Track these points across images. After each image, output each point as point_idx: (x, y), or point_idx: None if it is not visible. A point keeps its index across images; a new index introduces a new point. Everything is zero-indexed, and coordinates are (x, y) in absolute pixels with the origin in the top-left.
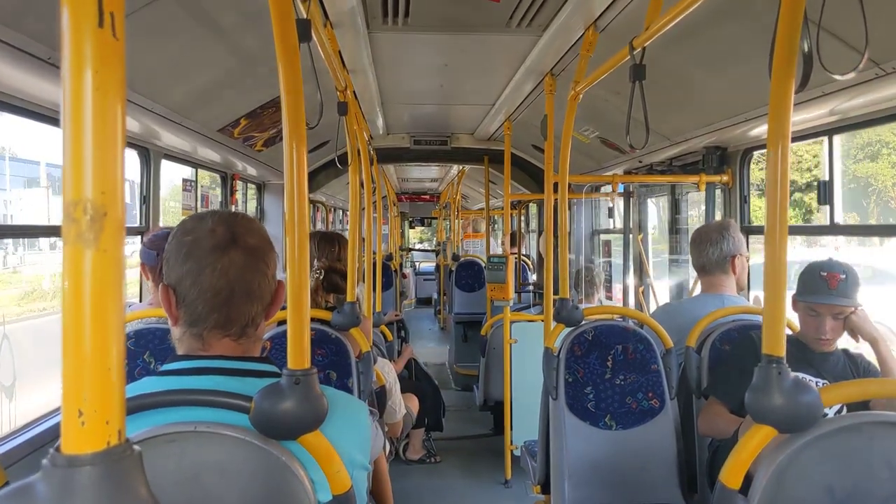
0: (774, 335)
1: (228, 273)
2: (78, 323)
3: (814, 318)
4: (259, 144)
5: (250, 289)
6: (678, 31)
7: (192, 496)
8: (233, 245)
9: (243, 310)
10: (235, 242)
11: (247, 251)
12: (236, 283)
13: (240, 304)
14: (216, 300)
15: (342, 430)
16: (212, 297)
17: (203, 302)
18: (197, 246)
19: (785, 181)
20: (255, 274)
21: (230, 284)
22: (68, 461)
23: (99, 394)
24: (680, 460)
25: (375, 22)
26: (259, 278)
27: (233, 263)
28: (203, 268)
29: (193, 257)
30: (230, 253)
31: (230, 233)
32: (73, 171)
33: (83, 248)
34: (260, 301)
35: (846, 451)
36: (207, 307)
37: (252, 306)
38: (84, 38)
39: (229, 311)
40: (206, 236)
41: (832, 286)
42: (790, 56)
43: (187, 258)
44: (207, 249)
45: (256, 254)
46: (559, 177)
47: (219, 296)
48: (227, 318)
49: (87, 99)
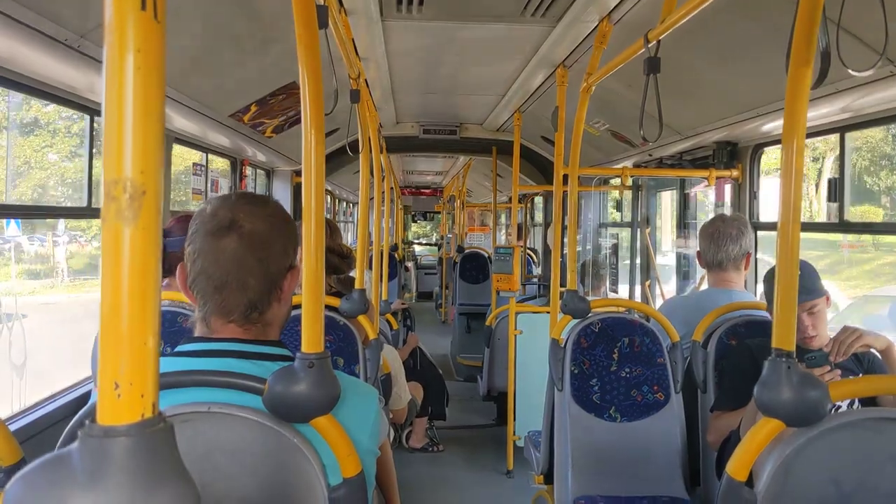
0: (785, 330)
1: (220, 260)
2: (116, 299)
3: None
4: (269, 131)
5: (244, 276)
6: (692, 25)
7: (203, 475)
8: (228, 231)
9: (238, 297)
10: (232, 228)
11: (243, 237)
12: (229, 270)
13: (234, 291)
14: (210, 286)
15: (353, 414)
16: (206, 283)
17: (201, 287)
18: (198, 230)
19: (799, 177)
20: (250, 260)
21: (223, 272)
22: (104, 432)
23: (135, 368)
24: (684, 453)
25: (389, 10)
26: (255, 265)
27: (225, 250)
28: (200, 253)
29: (195, 241)
30: (224, 239)
31: (230, 217)
32: (114, 150)
33: (122, 226)
34: (256, 289)
35: (853, 446)
36: (205, 293)
37: (247, 294)
38: (127, 20)
39: (224, 299)
40: (208, 220)
41: None
42: (808, 51)
43: (191, 241)
44: (204, 234)
45: (255, 239)
46: (569, 169)
47: (212, 282)
48: (223, 304)
49: (128, 80)
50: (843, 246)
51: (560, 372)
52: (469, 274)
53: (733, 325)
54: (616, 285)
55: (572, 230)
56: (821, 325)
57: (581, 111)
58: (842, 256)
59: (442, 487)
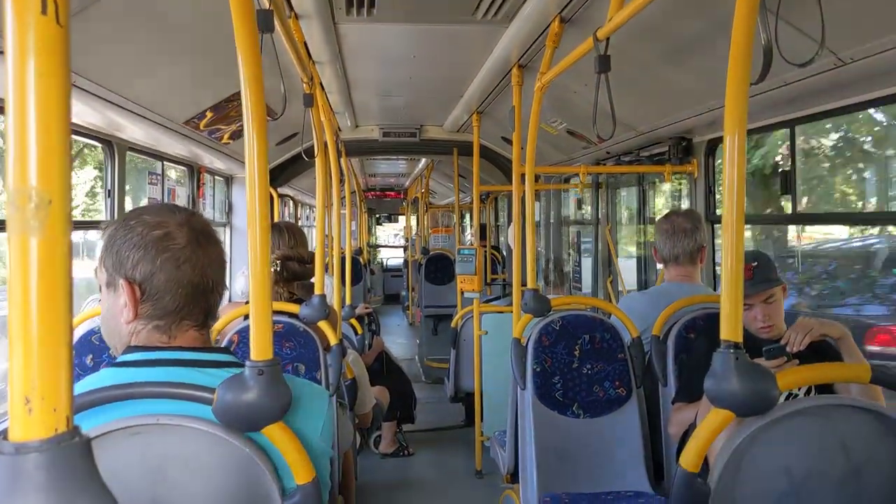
0: (732, 322)
1: (205, 267)
2: (25, 311)
3: (748, 311)
4: (226, 137)
5: (220, 281)
6: (643, 24)
7: (156, 489)
8: (205, 239)
9: (213, 301)
10: (207, 237)
11: (216, 245)
12: (211, 276)
13: (212, 296)
14: (193, 294)
15: (303, 418)
16: (190, 291)
17: (178, 296)
18: (171, 240)
19: (742, 171)
20: (223, 266)
21: (206, 278)
22: (16, 448)
23: (47, 382)
24: (647, 447)
25: (341, 13)
26: (223, 271)
27: (208, 256)
28: (181, 263)
29: (169, 251)
30: (206, 247)
31: (199, 227)
32: (18, 158)
33: (29, 236)
34: (220, 293)
35: (803, 434)
36: (181, 301)
37: (219, 297)
38: (27, 25)
39: (204, 303)
40: (179, 231)
41: (749, 277)
42: (746, 46)
43: (161, 252)
44: (184, 244)
45: (220, 247)
46: (526, 168)
47: (196, 289)
48: (200, 309)
49: (30, 85)
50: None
51: (522, 371)
52: (434, 276)
53: (692, 318)
54: (580, 283)
55: (531, 229)
56: (777, 315)
57: (535, 110)
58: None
59: (412, 491)
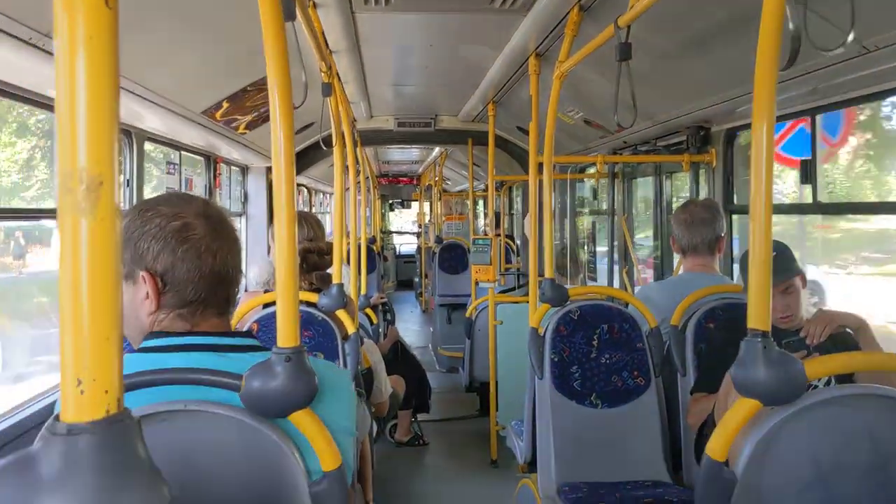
0: (760, 310)
1: (225, 256)
2: (76, 293)
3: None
4: (242, 127)
5: (238, 268)
6: (663, 11)
7: (184, 475)
8: (222, 228)
9: (233, 289)
10: (223, 225)
11: (231, 232)
12: (231, 264)
13: (232, 283)
14: (214, 282)
15: (329, 402)
16: (211, 279)
17: (200, 286)
18: (190, 230)
19: (770, 159)
20: (240, 253)
21: (226, 266)
22: (68, 429)
23: (97, 363)
24: (665, 437)
25: (359, 2)
26: (240, 258)
27: (227, 244)
28: (202, 252)
29: (189, 242)
30: (223, 235)
31: (215, 216)
32: (68, 141)
33: (80, 218)
34: (240, 279)
35: (830, 424)
36: (204, 290)
37: (237, 285)
38: (77, 8)
39: (225, 291)
40: (198, 221)
41: None
42: (775, 33)
43: (181, 243)
44: (203, 234)
45: (236, 234)
46: (543, 158)
47: (217, 278)
48: (221, 297)
49: (80, 68)
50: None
51: (540, 360)
52: (448, 265)
53: (710, 308)
54: (595, 273)
55: (548, 219)
56: (796, 305)
57: (554, 99)
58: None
59: (428, 480)
